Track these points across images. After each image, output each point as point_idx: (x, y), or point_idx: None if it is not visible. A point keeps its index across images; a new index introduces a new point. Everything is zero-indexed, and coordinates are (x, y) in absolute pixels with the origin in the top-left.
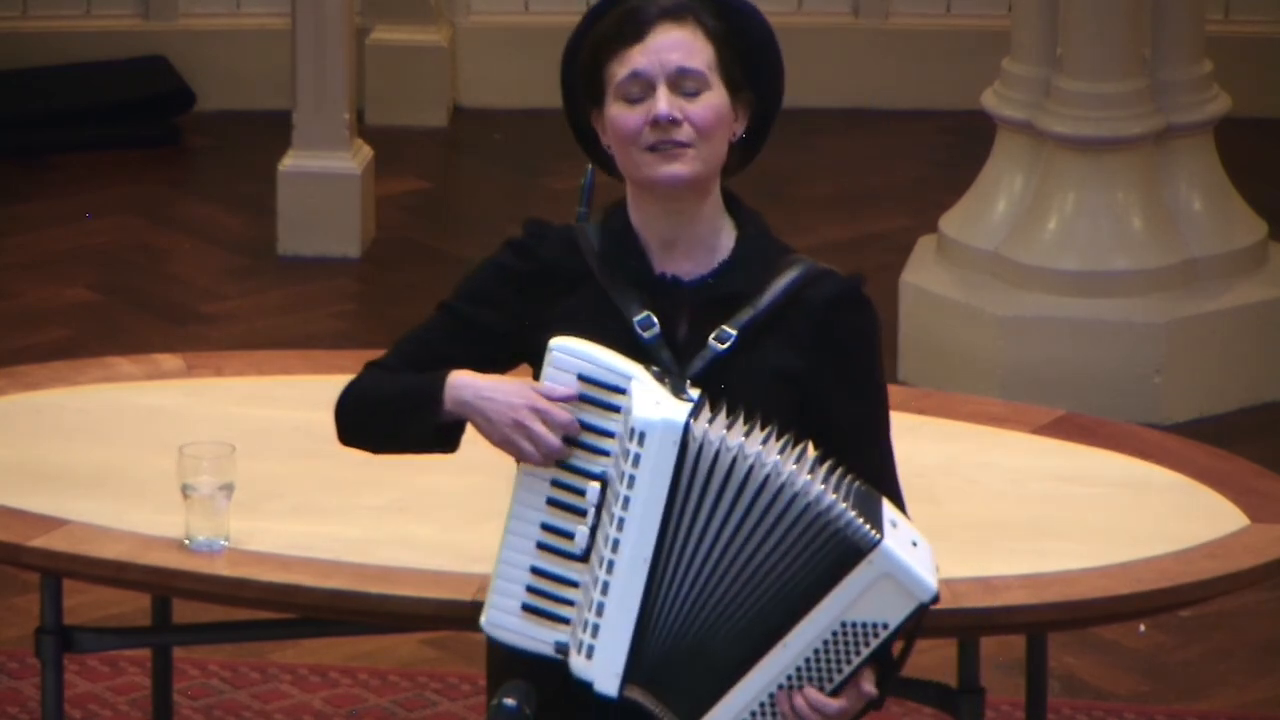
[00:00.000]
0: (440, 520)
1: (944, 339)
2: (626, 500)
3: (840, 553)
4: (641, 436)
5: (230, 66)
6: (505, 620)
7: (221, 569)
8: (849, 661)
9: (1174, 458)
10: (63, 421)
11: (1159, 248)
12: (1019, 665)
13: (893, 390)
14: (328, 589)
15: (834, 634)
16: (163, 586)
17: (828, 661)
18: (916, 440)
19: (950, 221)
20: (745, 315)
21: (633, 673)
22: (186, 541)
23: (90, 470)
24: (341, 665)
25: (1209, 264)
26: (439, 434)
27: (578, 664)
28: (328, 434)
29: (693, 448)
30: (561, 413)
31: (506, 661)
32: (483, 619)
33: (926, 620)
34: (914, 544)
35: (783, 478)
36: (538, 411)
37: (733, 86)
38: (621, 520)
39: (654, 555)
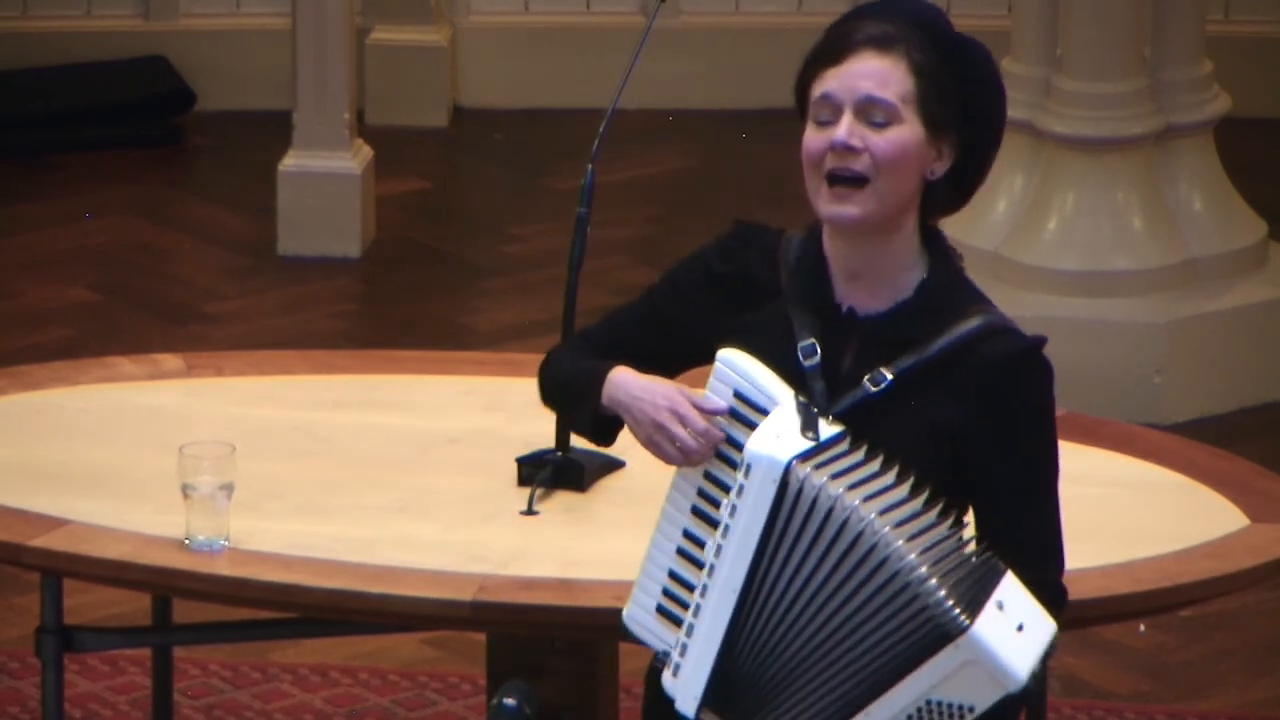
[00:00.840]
0: (441, 520)
1: None
2: (727, 529)
3: (928, 633)
4: (748, 469)
5: (230, 66)
6: (642, 617)
7: (222, 569)
8: None
9: (1174, 458)
10: (63, 421)
11: (1159, 248)
12: None
13: None
14: (328, 589)
15: (919, 709)
16: (163, 586)
17: None
18: None
19: (950, 221)
20: (907, 360)
21: (710, 698)
22: (187, 541)
23: (90, 470)
24: (342, 665)
25: (1209, 264)
26: (597, 426)
27: (666, 679)
28: (328, 434)
29: (792, 488)
30: (700, 420)
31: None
32: (625, 612)
33: None
34: (1020, 627)
35: (877, 538)
36: (679, 416)
37: (933, 124)
38: (719, 548)
39: (744, 587)
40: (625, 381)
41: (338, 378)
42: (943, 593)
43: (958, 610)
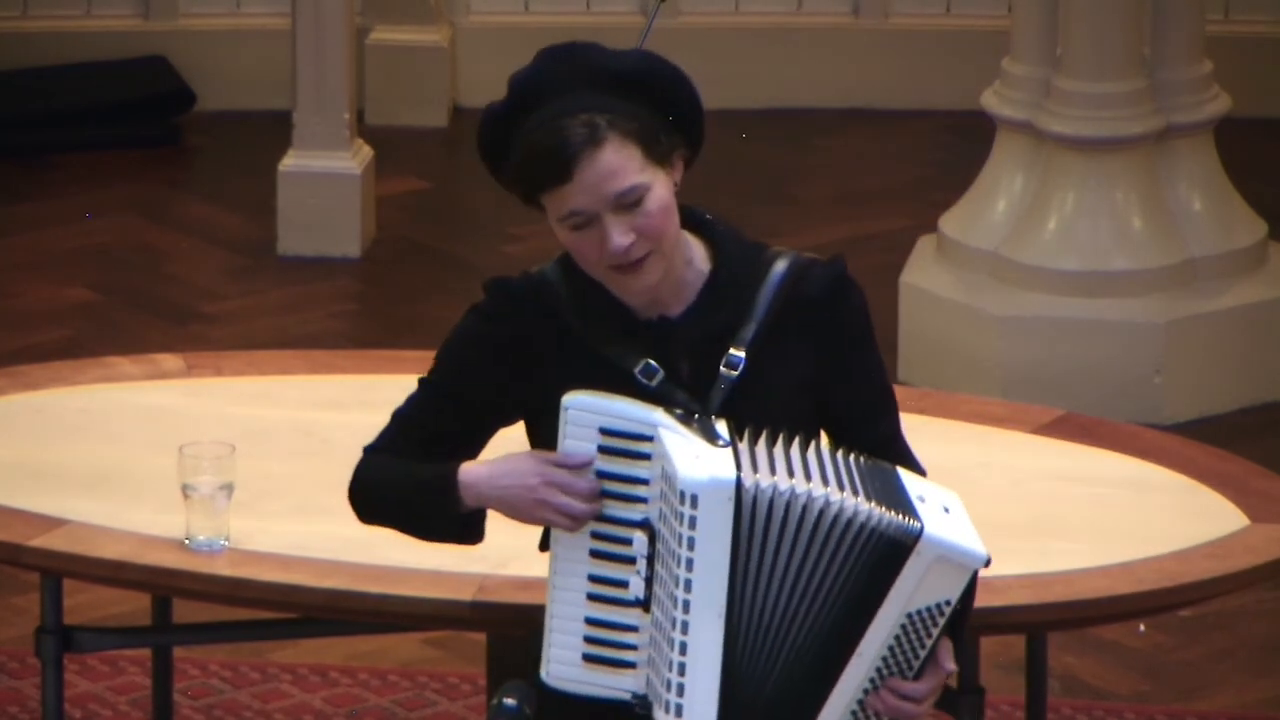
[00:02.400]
0: None
1: (944, 339)
2: (689, 562)
3: (888, 553)
4: (694, 499)
5: (230, 66)
6: (567, 671)
7: (221, 569)
8: (923, 646)
9: (1174, 458)
10: (63, 421)
11: (1159, 248)
12: (1019, 665)
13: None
14: (328, 589)
15: (903, 628)
16: (163, 586)
17: (904, 653)
18: (916, 440)
19: (950, 221)
20: (745, 333)
21: None
22: (187, 541)
23: (90, 470)
24: (341, 665)
25: (1209, 264)
26: (465, 529)
27: (661, 719)
28: (327, 434)
29: (746, 501)
30: (579, 481)
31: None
32: (543, 672)
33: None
34: (946, 510)
35: (833, 509)
36: (555, 484)
37: (662, 159)
38: (688, 581)
39: (727, 608)
40: (479, 478)
41: (337, 378)
42: (885, 512)
43: (905, 519)
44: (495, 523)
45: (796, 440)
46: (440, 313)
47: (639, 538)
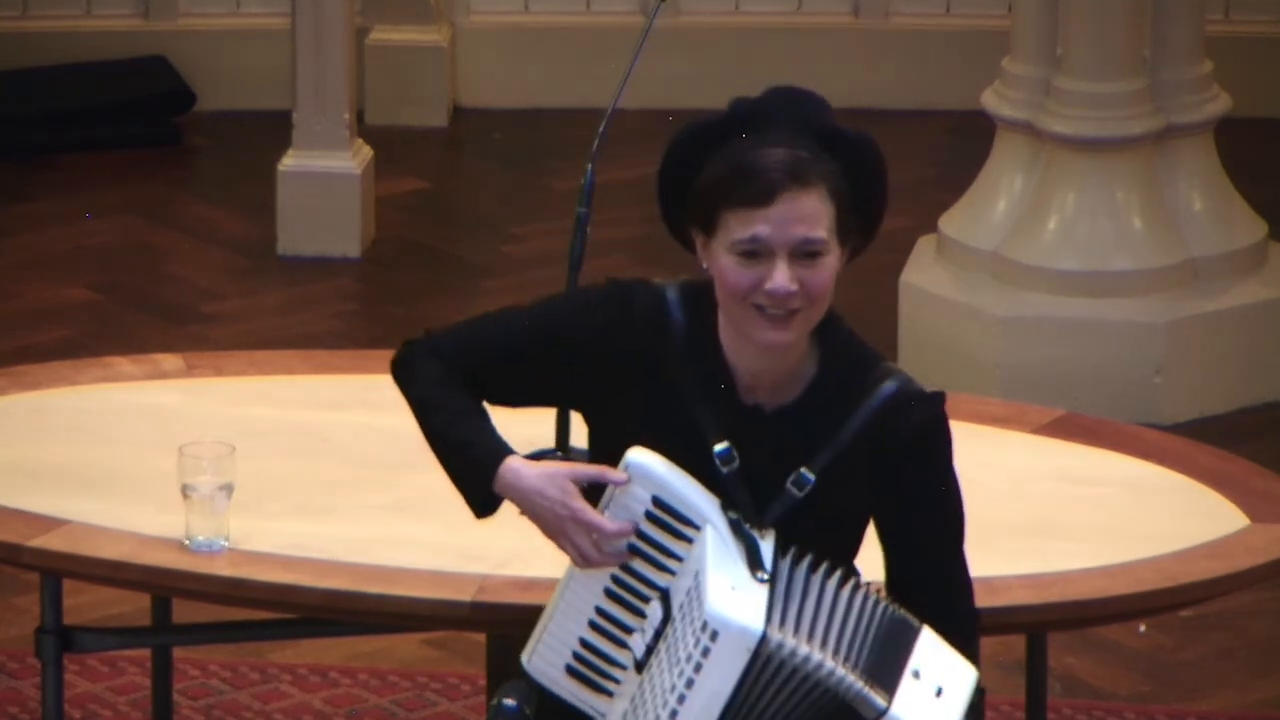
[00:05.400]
0: (440, 520)
1: (944, 339)
2: (690, 681)
3: None
4: (714, 634)
5: (230, 66)
6: (548, 670)
7: (221, 569)
8: None
9: (1174, 458)
10: (63, 421)
11: (1159, 248)
12: (1019, 665)
13: None
14: (327, 589)
15: None
16: (162, 586)
17: None
18: None
19: (950, 221)
20: (824, 456)
21: None
22: (186, 541)
23: (90, 470)
24: (341, 665)
25: (1209, 264)
26: (484, 505)
27: None
28: (328, 434)
29: (763, 655)
30: (608, 526)
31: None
32: (525, 657)
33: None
34: (939, 692)
35: (822, 672)
36: (584, 524)
37: (845, 237)
38: (682, 696)
39: None
40: (517, 480)
41: (337, 378)
42: (855, 680)
43: (872, 692)
44: (496, 522)
45: (833, 583)
46: (440, 313)
47: (656, 606)
